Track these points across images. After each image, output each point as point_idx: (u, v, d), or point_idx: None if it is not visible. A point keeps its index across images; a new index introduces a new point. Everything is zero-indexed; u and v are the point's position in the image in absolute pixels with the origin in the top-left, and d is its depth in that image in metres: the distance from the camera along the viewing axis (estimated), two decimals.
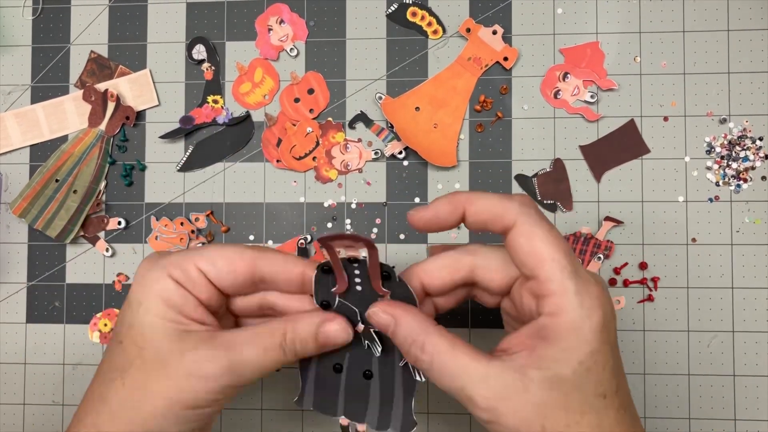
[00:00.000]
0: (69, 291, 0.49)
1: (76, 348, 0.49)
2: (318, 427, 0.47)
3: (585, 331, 0.29)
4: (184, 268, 0.32)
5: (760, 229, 0.46)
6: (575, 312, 0.29)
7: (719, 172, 0.46)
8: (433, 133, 0.47)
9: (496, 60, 0.47)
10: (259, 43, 0.49)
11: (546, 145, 0.47)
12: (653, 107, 0.46)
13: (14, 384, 0.49)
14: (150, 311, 0.31)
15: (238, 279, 0.33)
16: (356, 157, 0.48)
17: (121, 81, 0.49)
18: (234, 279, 0.33)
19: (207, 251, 0.33)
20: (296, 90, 0.48)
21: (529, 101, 0.47)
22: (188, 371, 0.31)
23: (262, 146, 0.48)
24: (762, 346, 0.45)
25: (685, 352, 0.46)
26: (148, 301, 0.32)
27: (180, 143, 0.49)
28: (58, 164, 0.48)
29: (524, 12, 0.47)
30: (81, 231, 0.48)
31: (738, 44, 0.46)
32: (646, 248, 0.46)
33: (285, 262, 0.34)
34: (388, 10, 0.48)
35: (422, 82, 0.48)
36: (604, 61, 0.47)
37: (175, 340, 0.31)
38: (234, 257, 0.33)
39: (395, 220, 0.47)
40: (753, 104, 0.46)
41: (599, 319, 0.29)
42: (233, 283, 0.33)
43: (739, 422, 0.45)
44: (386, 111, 0.47)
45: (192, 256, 0.33)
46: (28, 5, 0.50)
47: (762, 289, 0.45)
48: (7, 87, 0.50)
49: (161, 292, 0.32)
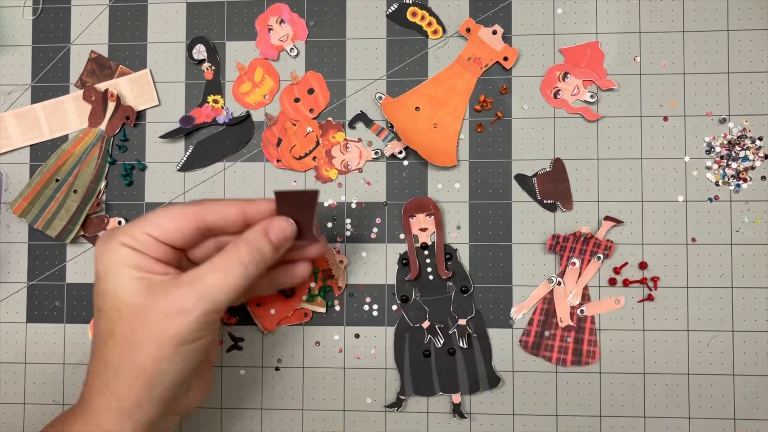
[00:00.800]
0: (69, 291, 0.49)
1: (77, 348, 0.49)
2: (318, 427, 0.47)
3: None
4: (133, 235, 0.36)
5: (760, 228, 0.46)
6: None
7: (719, 171, 0.46)
8: (433, 133, 0.47)
9: (496, 60, 0.47)
10: (259, 43, 0.49)
11: (546, 145, 0.47)
12: (653, 107, 0.46)
13: (14, 384, 0.49)
14: (117, 276, 0.35)
15: (185, 234, 0.37)
16: (356, 156, 0.48)
17: (122, 81, 0.49)
18: (182, 235, 0.36)
19: (152, 216, 0.36)
20: (296, 90, 0.48)
21: (529, 101, 0.47)
22: (164, 312, 0.34)
23: (262, 146, 0.48)
24: (762, 346, 0.45)
25: (685, 351, 0.46)
26: (112, 270, 0.35)
27: (180, 143, 0.49)
28: (58, 164, 0.49)
29: (524, 12, 0.47)
30: (81, 231, 0.48)
31: (738, 44, 0.46)
32: (646, 248, 0.46)
33: (224, 206, 0.37)
34: (388, 10, 0.48)
35: (422, 82, 0.48)
36: (603, 61, 0.47)
37: (146, 293, 0.34)
38: (177, 216, 0.36)
39: (395, 220, 0.47)
40: (753, 104, 0.46)
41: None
42: (183, 238, 0.37)
43: (738, 422, 0.45)
44: (386, 111, 0.47)
45: (139, 223, 0.36)
46: (28, 5, 0.50)
47: (762, 289, 0.46)
48: (7, 87, 0.50)
49: (119, 259, 0.35)
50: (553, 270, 0.47)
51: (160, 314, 0.34)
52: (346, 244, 0.47)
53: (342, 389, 0.47)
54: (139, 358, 0.34)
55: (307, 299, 0.47)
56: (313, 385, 0.47)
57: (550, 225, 0.47)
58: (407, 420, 0.47)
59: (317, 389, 0.47)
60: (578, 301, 0.46)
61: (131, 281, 0.35)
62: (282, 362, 0.48)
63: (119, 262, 0.35)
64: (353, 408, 0.47)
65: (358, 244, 0.47)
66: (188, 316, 0.34)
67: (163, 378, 0.34)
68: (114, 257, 0.35)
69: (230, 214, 0.37)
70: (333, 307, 0.47)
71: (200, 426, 0.48)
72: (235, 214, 0.38)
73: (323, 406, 0.47)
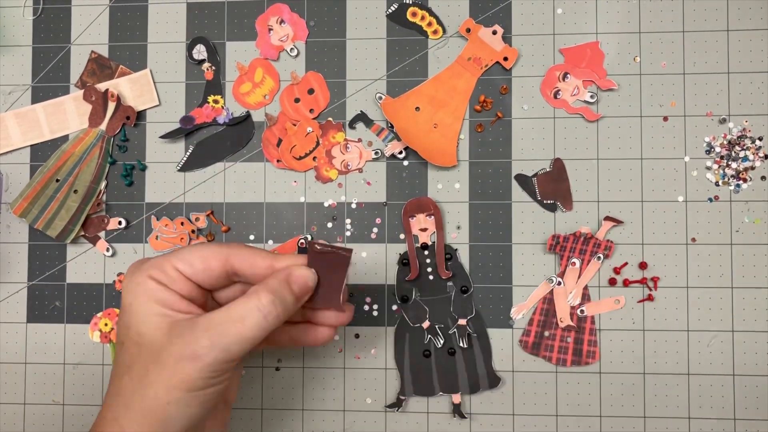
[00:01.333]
0: (69, 291, 0.49)
1: (77, 348, 0.49)
2: (318, 427, 0.47)
3: None
4: (162, 269, 0.35)
5: (760, 228, 0.46)
6: None
7: (719, 171, 0.46)
8: (433, 133, 0.47)
9: (496, 60, 0.47)
10: (260, 43, 0.49)
11: (546, 145, 0.47)
12: (653, 107, 0.46)
13: (14, 384, 0.49)
14: (140, 310, 0.34)
15: (213, 275, 0.36)
16: (356, 156, 0.48)
17: (122, 81, 0.49)
18: (209, 275, 0.36)
19: (183, 252, 0.36)
20: (296, 90, 0.48)
21: (529, 101, 0.47)
22: (178, 356, 0.33)
23: (263, 146, 0.48)
24: (762, 346, 0.45)
25: (685, 351, 0.46)
26: (137, 302, 0.34)
27: (180, 143, 0.49)
28: (58, 164, 0.49)
29: (524, 12, 0.47)
30: (81, 231, 0.48)
31: (738, 44, 0.46)
32: (646, 248, 0.46)
33: (254, 256, 0.37)
34: (388, 10, 0.48)
35: (422, 82, 0.48)
36: (603, 61, 0.47)
37: (165, 332, 0.34)
38: (208, 256, 0.36)
39: (395, 220, 0.47)
40: (752, 104, 0.46)
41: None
42: (209, 279, 0.36)
43: (738, 422, 0.45)
44: (386, 111, 0.47)
45: (169, 258, 0.36)
46: (29, 5, 0.50)
47: (761, 289, 0.46)
48: (7, 87, 0.50)
49: (146, 292, 0.35)
50: (553, 270, 0.47)
51: (173, 356, 0.33)
52: (346, 244, 0.47)
53: (342, 389, 0.47)
54: (149, 397, 0.33)
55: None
56: (313, 385, 0.47)
57: (550, 225, 0.47)
58: (407, 420, 0.47)
59: (317, 389, 0.47)
60: (578, 301, 0.46)
61: (154, 317, 0.34)
62: (282, 362, 0.48)
63: (145, 295, 0.34)
64: (353, 408, 0.47)
65: (358, 244, 0.47)
66: (199, 362, 0.33)
67: (172, 421, 0.33)
68: (140, 290, 0.35)
69: (258, 266, 0.36)
70: None
71: None
72: (263, 267, 0.37)
73: (323, 406, 0.47)
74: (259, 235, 0.48)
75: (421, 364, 0.46)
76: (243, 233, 0.48)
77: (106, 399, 0.35)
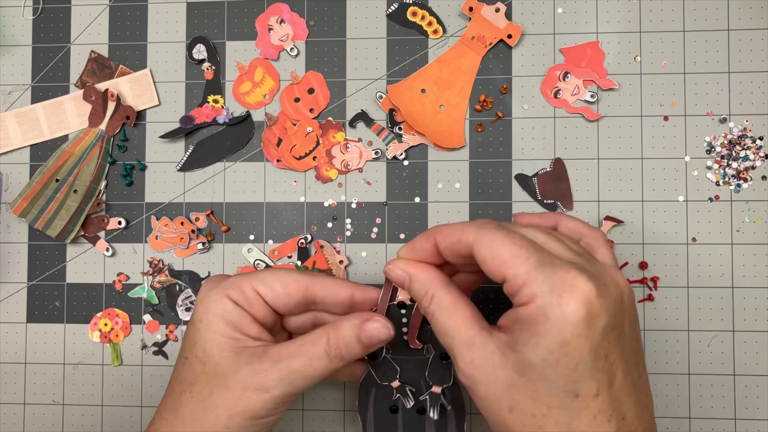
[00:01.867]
0: (69, 291, 0.49)
1: (77, 348, 0.49)
2: (318, 427, 0.47)
3: (555, 318, 0.28)
4: (242, 290, 0.35)
5: (761, 228, 0.46)
6: (543, 298, 0.29)
7: (719, 171, 0.46)
8: (440, 115, 0.47)
9: (500, 38, 0.47)
10: (260, 42, 0.49)
11: (546, 145, 0.47)
12: (653, 107, 0.46)
13: (14, 384, 0.49)
14: (210, 329, 0.34)
15: (292, 301, 0.36)
16: (356, 156, 0.48)
17: (122, 81, 0.49)
18: (289, 301, 0.36)
19: (264, 275, 0.36)
20: (296, 90, 0.48)
21: (529, 101, 0.47)
22: (244, 384, 0.33)
23: (263, 146, 0.48)
24: (762, 346, 0.45)
25: (685, 351, 0.46)
26: (209, 320, 0.35)
27: (180, 143, 0.49)
28: (58, 164, 0.49)
29: (524, 12, 0.47)
30: (81, 231, 0.48)
31: (738, 44, 0.46)
32: (646, 248, 0.46)
33: (335, 285, 0.37)
34: (388, 10, 0.48)
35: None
36: (604, 60, 0.47)
37: (232, 355, 0.34)
38: (289, 281, 0.36)
39: (395, 220, 0.47)
40: (753, 104, 0.46)
41: (576, 312, 0.28)
42: (287, 305, 0.36)
43: (739, 422, 0.45)
44: (392, 95, 0.47)
45: (250, 279, 0.36)
46: (28, 5, 0.50)
47: (762, 289, 0.45)
48: (7, 87, 0.50)
49: (221, 311, 0.35)
50: None
51: (239, 384, 0.33)
52: (346, 244, 0.47)
53: (342, 389, 0.47)
54: (209, 420, 0.33)
55: None
56: (314, 386, 0.47)
57: None
58: None
59: (317, 389, 0.47)
60: None
61: (223, 339, 0.34)
62: None
63: (218, 315, 0.35)
64: (353, 408, 0.47)
65: (358, 244, 0.47)
66: (266, 394, 0.33)
67: None
68: (215, 307, 0.35)
69: (340, 295, 0.36)
70: None
71: None
72: (345, 295, 0.37)
73: (323, 407, 0.47)
74: (259, 235, 0.48)
75: (386, 419, 0.40)
76: (243, 233, 0.48)
77: (162, 411, 0.35)
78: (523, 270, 0.29)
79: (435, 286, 0.33)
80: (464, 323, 0.32)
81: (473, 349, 0.31)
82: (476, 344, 0.31)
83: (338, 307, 0.37)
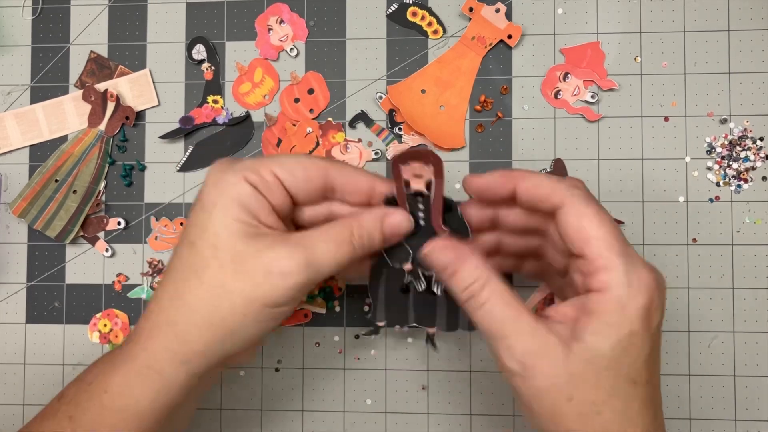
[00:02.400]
0: (69, 291, 0.49)
1: (76, 348, 0.49)
2: (318, 427, 0.47)
3: (629, 310, 0.29)
4: (260, 173, 0.33)
5: (761, 229, 0.46)
6: (622, 289, 0.30)
7: (720, 172, 0.46)
8: (441, 115, 0.47)
9: (500, 38, 0.47)
10: (259, 43, 0.48)
11: (546, 146, 0.47)
12: (654, 107, 0.46)
13: (14, 384, 0.49)
14: (226, 213, 0.32)
15: (311, 187, 0.34)
16: (356, 157, 0.48)
17: (121, 81, 0.49)
18: (308, 187, 0.34)
19: (282, 159, 0.34)
20: (296, 90, 0.48)
21: (529, 101, 0.47)
22: (267, 269, 0.31)
23: (262, 146, 0.48)
24: (762, 347, 0.45)
25: (686, 352, 0.46)
26: (224, 203, 0.32)
27: (180, 143, 0.49)
28: (57, 164, 0.48)
29: (524, 12, 0.47)
30: (81, 231, 0.48)
31: (738, 44, 0.46)
32: (646, 248, 0.46)
33: (355, 173, 0.35)
34: (388, 10, 0.48)
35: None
36: (604, 61, 0.47)
37: (250, 241, 0.31)
38: (309, 165, 0.34)
39: None
40: (753, 104, 0.46)
41: (644, 303, 0.30)
42: (306, 190, 0.34)
43: (739, 422, 0.45)
44: (392, 95, 0.47)
45: (269, 162, 0.33)
46: (28, 5, 0.50)
47: (762, 290, 0.45)
48: (6, 87, 0.50)
49: (237, 195, 0.32)
50: None
51: (260, 268, 0.31)
52: None
53: (342, 390, 0.47)
54: (222, 308, 0.31)
55: (307, 300, 0.47)
56: (313, 386, 0.47)
57: None
58: (407, 421, 0.47)
59: (317, 390, 0.47)
60: None
61: (239, 224, 0.32)
62: (282, 363, 0.48)
63: (234, 199, 0.32)
64: (353, 409, 0.47)
65: None
66: (289, 279, 0.31)
67: (239, 335, 0.32)
68: (231, 191, 0.32)
69: (360, 183, 0.35)
70: (333, 307, 0.47)
71: (200, 427, 0.47)
72: (365, 185, 0.35)
73: (323, 407, 0.47)
74: None
75: (397, 297, 0.39)
76: None
77: (159, 300, 0.32)
78: (605, 255, 0.30)
79: (488, 272, 0.32)
80: (524, 311, 0.31)
81: (535, 337, 0.30)
82: (538, 332, 0.30)
83: (357, 196, 0.35)
